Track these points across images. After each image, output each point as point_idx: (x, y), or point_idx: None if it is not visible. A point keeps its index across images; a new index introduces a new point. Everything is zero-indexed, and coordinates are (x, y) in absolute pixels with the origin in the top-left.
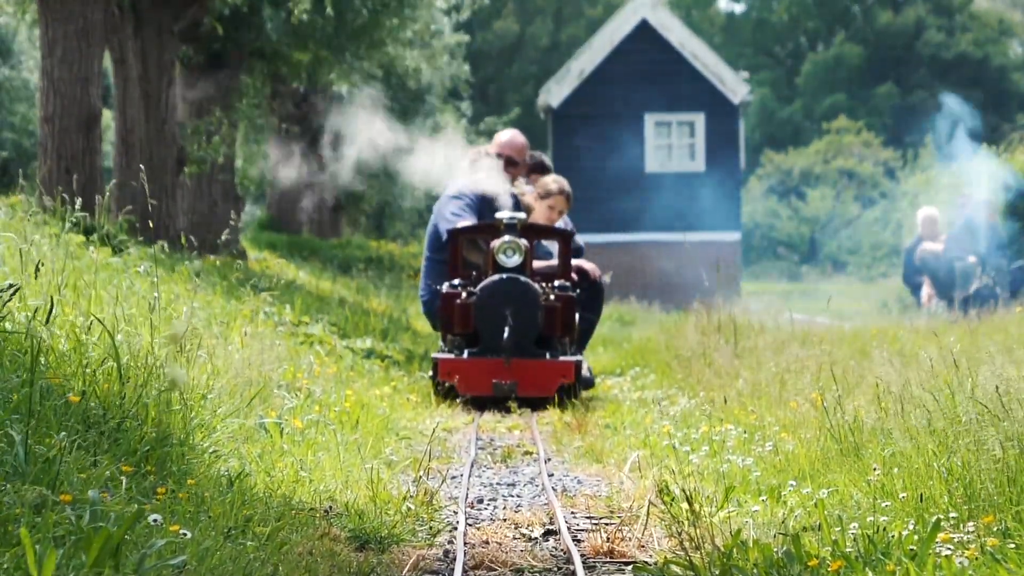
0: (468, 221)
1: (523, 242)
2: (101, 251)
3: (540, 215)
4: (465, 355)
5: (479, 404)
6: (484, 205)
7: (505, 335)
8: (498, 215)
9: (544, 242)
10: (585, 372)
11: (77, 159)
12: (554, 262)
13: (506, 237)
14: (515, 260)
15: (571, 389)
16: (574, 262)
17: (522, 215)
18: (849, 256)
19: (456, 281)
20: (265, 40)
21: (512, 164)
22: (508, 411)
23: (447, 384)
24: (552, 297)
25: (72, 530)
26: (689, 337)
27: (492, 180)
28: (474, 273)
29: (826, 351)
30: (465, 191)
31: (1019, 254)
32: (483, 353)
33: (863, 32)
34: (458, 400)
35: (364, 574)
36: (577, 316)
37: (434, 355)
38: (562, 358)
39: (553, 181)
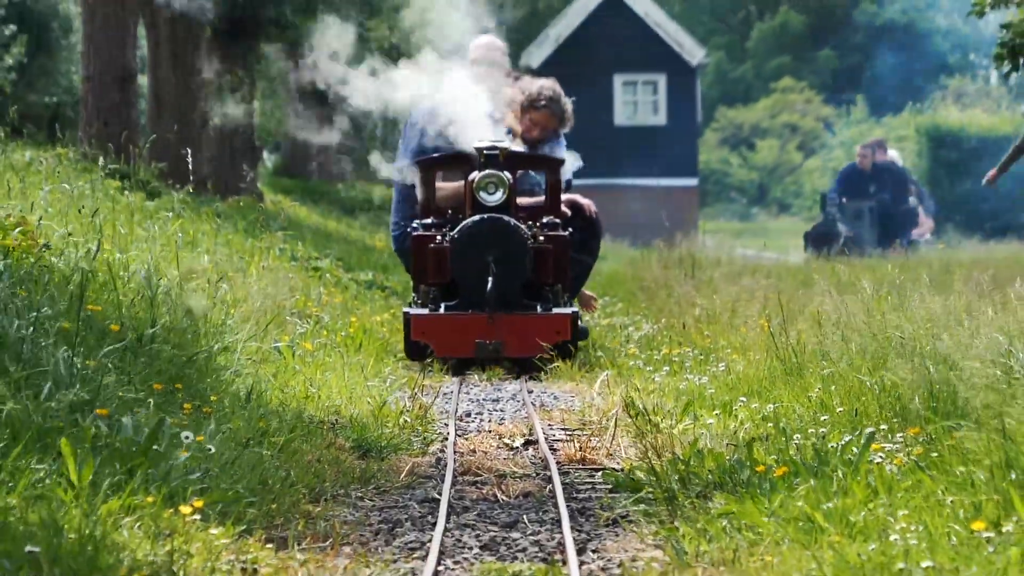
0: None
1: (506, 175)
2: (136, 195)
3: (516, 126)
4: (442, 310)
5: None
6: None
7: (488, 286)
8: (476, 144)
9: (531, 173)
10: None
11: (114, 113)
12: (542, 197)
13: (487, 170)
14: (498, 197)
15: (566, 347)
16: (566, 196)
17: (504, 143)
18: (793, 199)
19: (429, 221)
20: (280, 10)
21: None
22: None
23: (421, 344)
24: (542, 239)
25: (108, 441)
26: (653, 270)
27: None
28: (450, 212)
29: (772, 282)
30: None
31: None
32: (462, 308)
33: (806, 2)
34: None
35: (366, 479)
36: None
37: (405, 310)
38: (555, 310)
39: (541, 87)
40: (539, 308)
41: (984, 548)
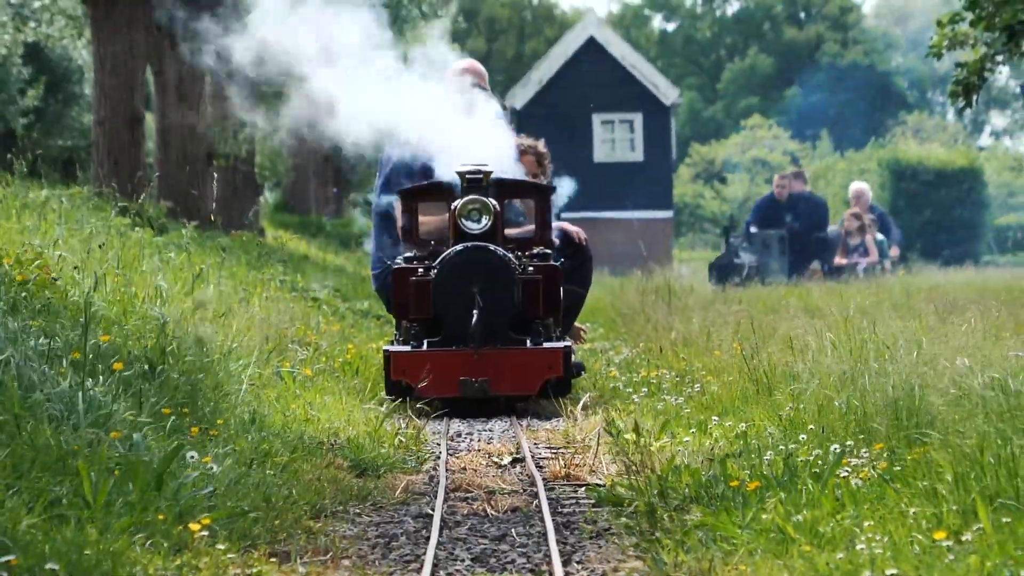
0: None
1: (492, 202)
2: (146, 232)
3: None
4: (424, 347)
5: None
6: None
7: (473, 320)
8: (458, 168)
9: (517, 202)
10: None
11: (124, 154)
12: (531, 226)
13: (470, 196)
14: (483, 224)
15: (559, 384)
16: (554, 224)
17: (488, 167)
18: None
19: (411, 254)
20: None
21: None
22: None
23: (403, 383)
24: (531, 269)
25: (121, 463)
26: (631, 298)
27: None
28: (432, 243)
29: (744, 308)
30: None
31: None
32: (447, 344)
33: (773, 45)
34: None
35: (363, 496)
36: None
37: (385, 348)
38: (546, 345)
39: (521, 141)
40: (528, 342)
41: (945, 556)
